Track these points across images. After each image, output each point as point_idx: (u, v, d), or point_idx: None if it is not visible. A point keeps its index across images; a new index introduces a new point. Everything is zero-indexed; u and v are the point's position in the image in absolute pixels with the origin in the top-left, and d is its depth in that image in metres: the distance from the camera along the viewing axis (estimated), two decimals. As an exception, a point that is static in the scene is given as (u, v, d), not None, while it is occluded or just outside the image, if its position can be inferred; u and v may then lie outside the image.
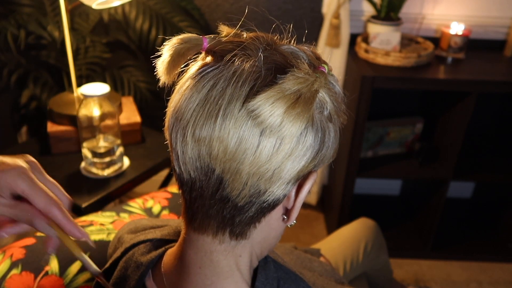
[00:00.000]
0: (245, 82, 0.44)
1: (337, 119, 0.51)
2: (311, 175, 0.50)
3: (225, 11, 1.75)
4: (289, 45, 0.50)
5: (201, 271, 0.53)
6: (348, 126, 1.65)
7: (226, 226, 0.50)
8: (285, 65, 0.46)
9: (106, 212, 1.00)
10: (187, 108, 0.47)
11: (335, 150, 0.52)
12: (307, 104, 0.44)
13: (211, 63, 0.48)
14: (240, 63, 0.46)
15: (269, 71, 0.45)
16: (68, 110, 1.31)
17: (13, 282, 0.78)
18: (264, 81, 0.45)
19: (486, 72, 1.58)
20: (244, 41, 0.48)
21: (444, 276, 1.81)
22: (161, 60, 0.50)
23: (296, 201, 0.51)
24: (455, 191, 2.12)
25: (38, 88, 1.61)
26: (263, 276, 0.56)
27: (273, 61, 0.47)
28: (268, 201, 0.48)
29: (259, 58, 0.46)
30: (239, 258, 0.53)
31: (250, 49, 0.47)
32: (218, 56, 0.49)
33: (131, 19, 1.57)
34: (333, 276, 0.89)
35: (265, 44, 0.48)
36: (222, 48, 0.48)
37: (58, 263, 0.83)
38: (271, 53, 0.47)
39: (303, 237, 1.94)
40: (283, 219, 0.53)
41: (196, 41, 0.49)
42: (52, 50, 1.63)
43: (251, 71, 0.45)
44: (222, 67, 0.46)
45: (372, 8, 1.70)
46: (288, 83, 0.43)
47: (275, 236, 0.56)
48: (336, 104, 0.50)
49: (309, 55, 0.50)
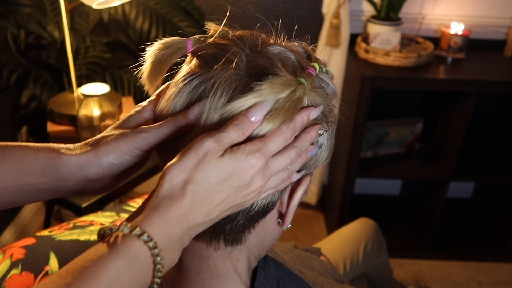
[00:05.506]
0: (223, 92, 0.44)
1: (329, 120, 0.49)
2: (304, 179, 0.50)
3: (225, 11, 1.75)
4: (276, 45, 0.48)
5: (199, 276, 0.53)
6: (348, 126, 1.65)
7: (219, 234, 0.49)
8: (269, 69, 0.45)
9: (106, 212, 1.00)
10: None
11: (330, 150, 0.51)
12: (287, 113, 0.43)
13: (194, 70, 0.47)
14: (221, 70, 0.45)
15: (251, 78, 0.44)
16: (68, 110, 1.31)
17: (13, 282, 0.78)
18: (244, 89, 0.44)
19: (486, 72, 1.58)
20: (228, 44, 0.47)
21: (444, 276, 1.81)
22: (143, 68, 0.49)
23: (289, 206, 0.50)
24: (455, 191, 2.12)
25: (38, 88, 1.61)
26: (262, 276, 0.56)
27: (256, 66, 0.45)
28: (255, 210, 0.48)
29: (241, 63, 0.45)
30: (236, 261, 0.53)
31: (233, 54, 0.46)
32: (202, 60, 0.48)
33: (131, 19, 1.57)
34: (333, 275, 0.89)
35: (251, 45, 0.47)
36: (206, 52, 0.47)
37: (58, 263, 0.83)
38: (256, 56, 0.46)
39: (303, 237, 1.94)
40: (278, 222, 0.53)
41: (180, 45, 0.48)
42: (52, 50, 1.63)
43: (231, 80, 0.44)
44: (204, 75, 0.46)
45: (372, 8, 1.70)
46: (264, 91, 0.42)
47: (272, 238, 0.55)
48: (328, 104, 0.49)
49: (298, 54, 0.48)
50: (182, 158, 0.41)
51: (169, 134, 0.46)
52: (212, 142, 0.41)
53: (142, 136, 0.47)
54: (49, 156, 0.48)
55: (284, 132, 0.43)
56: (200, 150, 0.41)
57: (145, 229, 0.39)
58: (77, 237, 0.88)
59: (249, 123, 0.42)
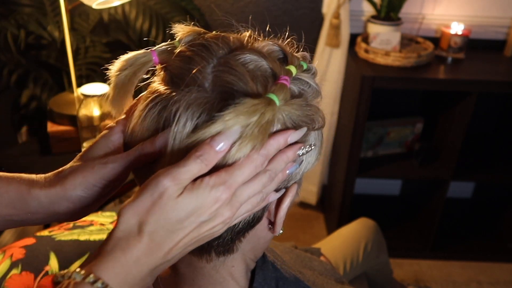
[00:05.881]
0: (187, 121, 0.40)
1: (311, 125, 0.46)
2: (290, 189, 0.47)
3: (225, 11, 1.75)
4: (247, 52, 0.43)
5: (195, 283, 0.52)
6: (348, 126, 1.65)
7: (209, 248, 0.48)
8: (237, 87, 0.41)
9: (106, 212, 1.00)
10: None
11: (319, 151, 0.49)
12: (257, 139, 0.39)
13: (160, 90, 0.44)
14: (186, 91, 0.41)
15: (216, 100, 0.41)
16: (68, 110, 1.31)
17: (13, 282, 0.78)
18: (210, 113, 0.40)
19: (486, 72, 1.58)
20: (193, 56, 0.43)
21: (444, 276, 1.81)
22: (106, 95, 0.47)
23: (277, 217, 0.48)
24: (455, 191, 2.12)
25: (38, 88, 1.61)
26: (260, 277, 0.56)
27: (223, 83, 0.42)
28: (239, 226, 0.46)
29: (207, 81, 0.42)
30: (232, 268, 0.52)
31: (200, 70, 0.42)
32: (169, 76, 0.44)
33: (131, 19, 1.57)
34: (333, 275, 0.89)
35: (218, 55, 0.43)
36: (172, 65, 0.44)
37: (58, 263, 0.83)
38: (222, 69, 0.42)
39: (303, 237, 1.94)
40: (270, 228, 0.51)
41: (144, 59, 0.45)
42: (52, 50, 1.63)
43: (197, 103, 0.41)
44: (167, 99, 0.42)
45: (372, 8, 1.70)
46: (229, 122, 0.38)
47: (266, 241, 0.54)
48: (308, 112, 0.45)
49: (272, 59, 0.44)
50: (136, 199, 0.38)
51: (137, 163, 0.44)
52: (168, 181, 0.37)
53: (109, 167, 0.45)
54: (19, 189, 0.47)
55: (255, 160, 0.39)
56: (155, 191, 0.37)
57: (99, 275, 0.36)
58: (77, 237, 0.88)
59: (213, 153, 0.38)
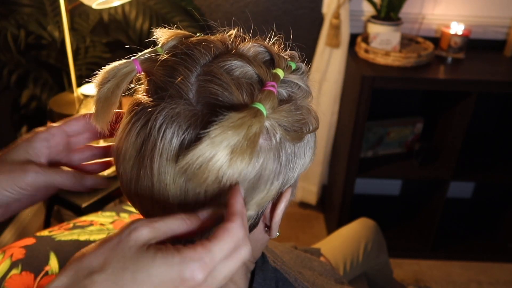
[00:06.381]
0: (173, 136, 0.39)
1: (301, 131, 0.44)
2: (284, 194, 0.46)
3: (225, 11, 1.75)
4: (231, 58, 0.42)
5: None
6: (348, 126, 1.65)
7: None
8: (221, 97, 0.40)
9: (106, 212, 1.00)
10: (125, 162, 0.43)
11: (313, 152, 0.48)
12: (245, 152, 0.38)
13: (143, 101, 0.42)
14: (171, 106, 0.40)
15: (201, 112, 0.40)
16: (68, 110, 1.31)
17: (13, 282, 0.78)
18: (195, 131, 0.39)
19: (486, 72, 1.58)
20: (175, 65, 0.41)
21: (444, 276, 1.81)
22: (91, 110, 0.44)
23: (272, 222, 0.48)
24: (455, 191, 2.12)
25: (38, 88, 1.61)
26: (260, 277, 0.56)
27: (207, 94, 0.40)
28: None
29: (190, 92, 0.40)
30: None
31: (183, 81, 0.40)
32: (152, 86, 0.43)
33: (131, 19, 1.57)
34: (333, 275, 0.89)
35: (202, 63, 0.42)
36: (155, 74, 0.42)
37: (58, 263, 0.83)
38: (207, 79, 0.41)
39: (303, 237, 1.94)
40: (266, 231, 0.51)
41: (126, 69, 0.44)
42: (52, 50, 1.63)
43: (181, 117, 0.39)
44: (152, 112, 0.41)
45: (372, 8, 1.70)
46: (215, 140, 0.36)
47: (263, 243, 0.54)
48: (298, 116, 0.43)
49: (258, 63, 0.42)
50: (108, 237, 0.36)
51: (79, 187, 0.41)
52: (141, 223, 0.35)
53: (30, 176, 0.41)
54: None
55: (236, 234, 0.37)
56: (128, 229, 0.35)
57: None
58: (77, 237, 0.88)
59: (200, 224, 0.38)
